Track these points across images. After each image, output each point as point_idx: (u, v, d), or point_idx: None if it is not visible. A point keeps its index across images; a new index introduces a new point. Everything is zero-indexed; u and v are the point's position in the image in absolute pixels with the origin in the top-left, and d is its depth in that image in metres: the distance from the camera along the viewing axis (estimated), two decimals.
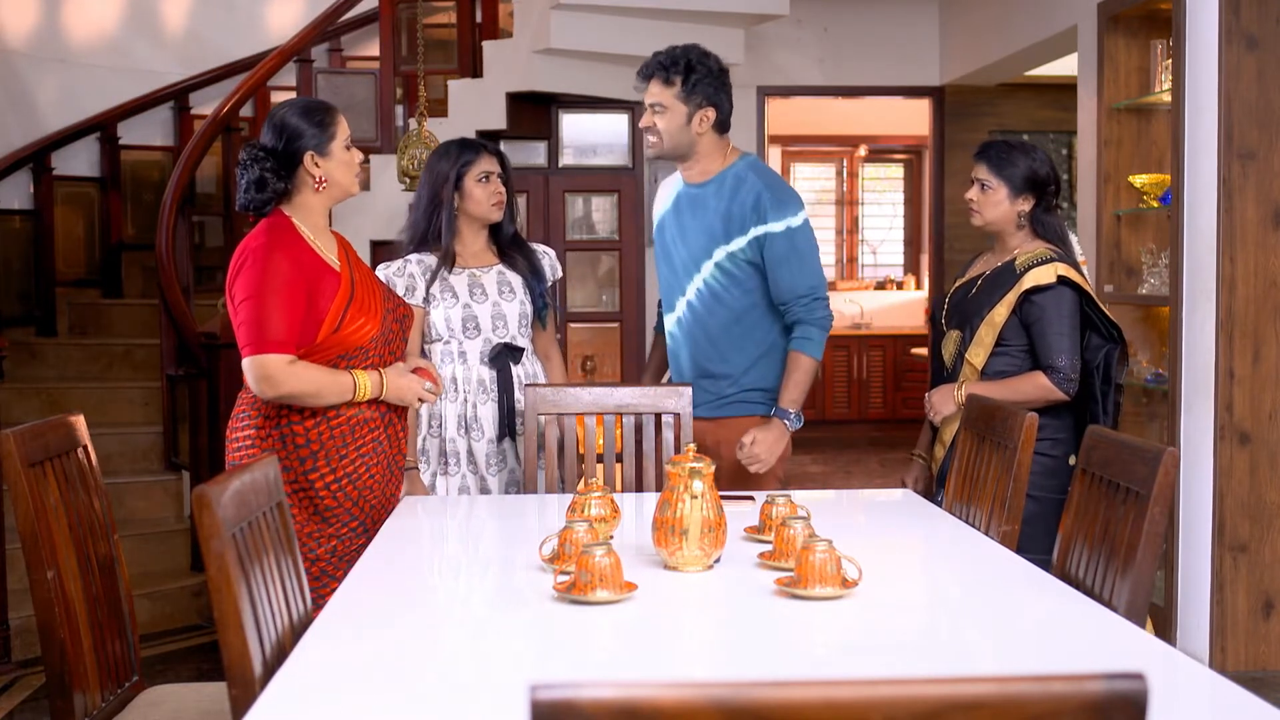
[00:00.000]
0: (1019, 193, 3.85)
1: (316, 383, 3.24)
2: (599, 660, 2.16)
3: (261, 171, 3.30)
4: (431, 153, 4.10)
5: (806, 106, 10.35)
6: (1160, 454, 2.58)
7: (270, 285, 3.18)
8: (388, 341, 3.41)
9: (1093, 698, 1.15)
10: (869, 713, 1.14)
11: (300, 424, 3.30)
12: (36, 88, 7.56)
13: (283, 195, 3.33)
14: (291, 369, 3.19)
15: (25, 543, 2.53)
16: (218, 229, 7.66)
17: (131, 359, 6.96)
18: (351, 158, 3.40)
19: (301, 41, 6.70)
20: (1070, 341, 3.71)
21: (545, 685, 1.11)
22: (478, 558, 3.09)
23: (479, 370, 3.92)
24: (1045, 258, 3.78)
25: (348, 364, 3.31)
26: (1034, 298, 3.74)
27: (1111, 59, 5.62)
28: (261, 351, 3.17)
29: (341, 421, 3.33)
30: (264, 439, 3.30)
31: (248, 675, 2.10)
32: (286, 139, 3.32)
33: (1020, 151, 3.86)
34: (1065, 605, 2.40)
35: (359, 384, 3.29)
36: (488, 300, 3.96)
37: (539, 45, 6.52)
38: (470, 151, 3.98)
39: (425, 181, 4.01)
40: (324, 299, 3.26)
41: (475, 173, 3.94)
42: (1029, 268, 3.78)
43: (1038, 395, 3.71)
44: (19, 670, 5.04)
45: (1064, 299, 3.72)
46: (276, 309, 3.17)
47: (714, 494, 2.63)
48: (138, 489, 6.08)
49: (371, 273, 3.53)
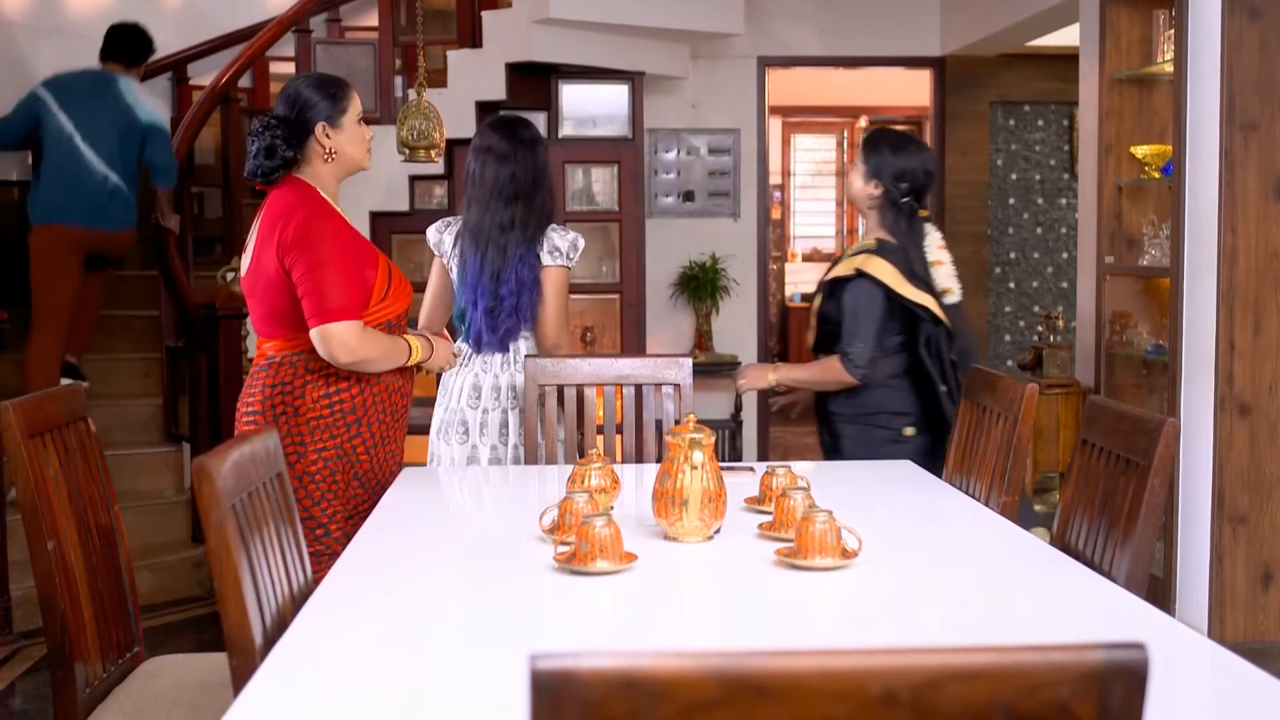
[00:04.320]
0: (870, 178, 4.07)
1: (383, 347, 3.33)
2: (599, 631, 2.17)
3: (272, 139, 3.32)
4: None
5: (807, 77, 10.31)
6: (1160, 425, 2.57)
7: (330, 253, 3.25)
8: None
9: (1092, 667, 1.15)
10: (868, 682, 1.14)
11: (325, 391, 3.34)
12: (34, 58, 7.52)
13: (291, 164, 3.34)
14: (365, 334, 3.27)
15: (25, 514, 2.53)
16: (216, 200, 7.62)
17: (131, 331, 6.95)
18: (362, 132, 3.46)
19: (300, 12, 6.67)
20: (865, 330, 3.92)
21: (545, 655, 1.11)
22: (477, 528, 3.09)
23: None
24: (861, 249, 4.03)
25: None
26: (837, 288, 4.01)
27: (1113, 29, 5.60)
28: (334, 319, 3.22)
29: (381, 390, 3.40)
30: (275, 410, 3.32)
31: (248, 646, 2.11)
32: (299, 109, 3.36)
33: (890, 144, 4.12)
34: (1065, 576, 2.40)
35: (412, 347, 3.42)
36: None
37: (539, 15, 6.50)
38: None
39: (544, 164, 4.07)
40: (369, 269, 3.33)
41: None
42: (845, 258, 4.08)
43: (832, 378, 3.99)
44: (20, 641, 5.05)
45: (861, 291, 3.94)
46: (341, 277, 3.24)
47: (714, 465, 2.63)
48: (138, 461, 6.09)
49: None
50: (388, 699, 1.79)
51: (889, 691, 1.13)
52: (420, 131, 5.19)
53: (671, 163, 8.28)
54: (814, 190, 12.57)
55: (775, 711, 1.13)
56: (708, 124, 8.32)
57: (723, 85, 8.30)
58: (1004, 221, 9.02)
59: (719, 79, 8.28)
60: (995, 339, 9.13)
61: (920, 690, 1.13)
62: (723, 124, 8.33)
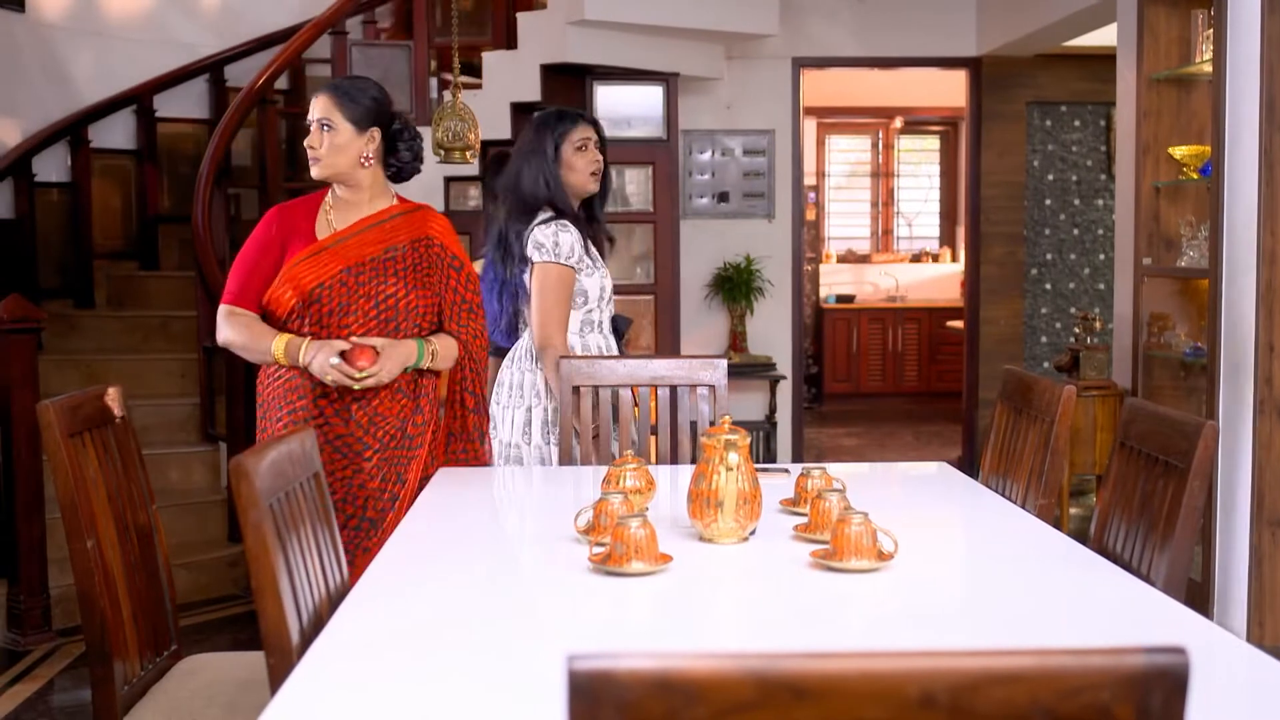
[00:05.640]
0: None
1: (241, 336, 3.43)
2: (634, 631, 2.16)
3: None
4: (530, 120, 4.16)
5: (842, 78, 10.29)
6: (1199, 427, 2.55)
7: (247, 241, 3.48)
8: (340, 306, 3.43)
9: (1133, 671, 1.14)
10: (906, 685, 1.13)
11: (261, 381, 3.53)
12: (73, 61, 7.59)
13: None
14: (223, 319, 3.44)
15: (65, 512, 2.55)
16: (253, 201, 7.67)
17: (168, 331, 7.00)
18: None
19: (336, 14, 6.69)
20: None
21: (583, 655, 1.11)
22: (512, 529, 3.09)
23: (610, 338, 4.08)
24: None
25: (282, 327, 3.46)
26: None
27: (1151, 29, 5.56)
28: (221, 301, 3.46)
29: (277, 383, 3.46)
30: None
31: (285, 644, 2.11)
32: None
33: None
34: (1102, 579, 2.38)
35: (274, 348, 3.41)
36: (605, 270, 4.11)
37: (573, 16, 6.51)
38: (568, 119, 4.06)
39: (525, 148, 4.04)
40: (269, 256, 3.46)
41: (573, 141, 4.01)
42: None
43: None
44: (59, 638, 5.09)
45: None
46: (236, 263, 3.46)
47: (749, 466, 2.63)
48: (174, 460, 6.13)
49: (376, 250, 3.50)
50: (424, 698, 1.79)
51: (927, 694, 1.13)
52: (455, 133, 5.21)
53: (706, 164, 8.28)
54: (848, 191, 12.54)
55: (812, 713, 1.12)
56: (742, 125, 8.31)
57: (757, 86, 8.29)
58: (1040, 223, 8.97)
59: (754, 80, 8.27)
60: (1031, 341, 9.08)
61: (959, 693, 1.13)
62: (757, 125, 8.32)
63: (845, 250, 12.22)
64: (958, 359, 9.85)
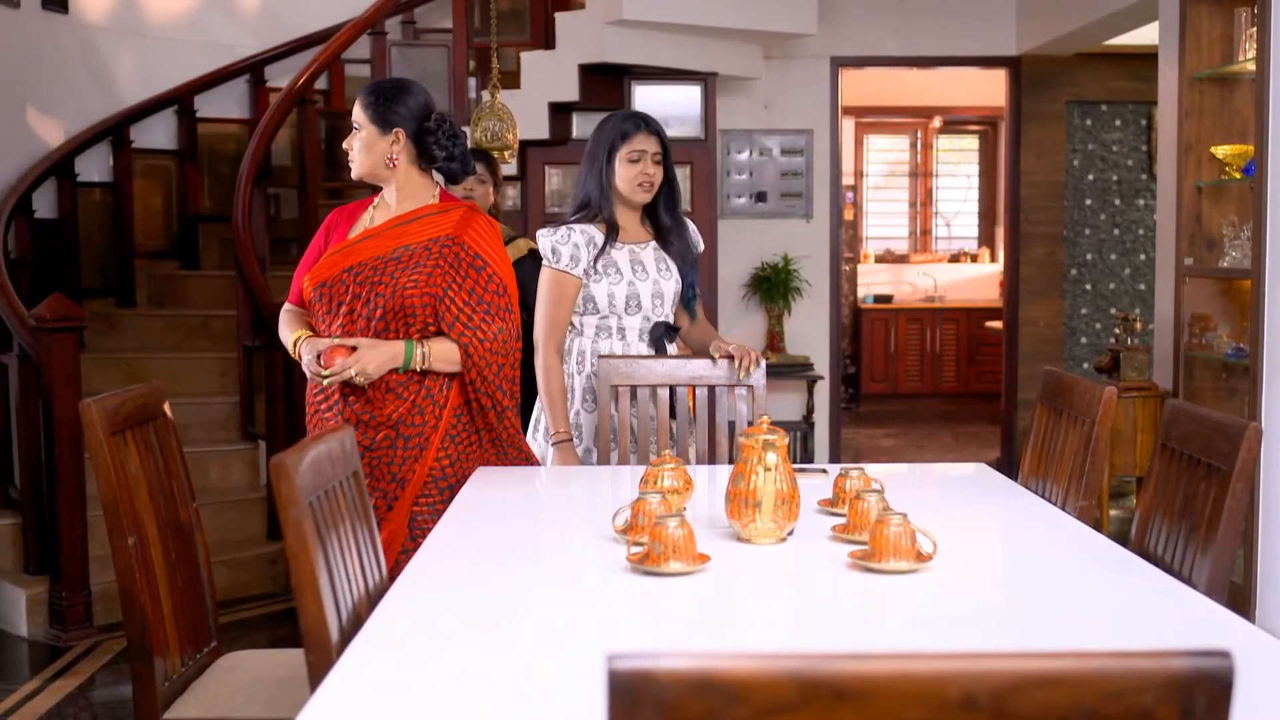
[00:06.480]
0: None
1: (281, 331, 3.56)
2: (672, 631, 2.16)
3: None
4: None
5: (880, 77, 10.26)
6: (1242, 429, 2.53)
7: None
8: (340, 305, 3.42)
9: (1177, 674, 1.13)
10: (946, 686, 1.13)
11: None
12: (115, 62, 7.65)
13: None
14: (283, 314, 3.58)
15: (107, 510, 2.57)
16: (293, 201, 7.71)
17: (208, 330, 7.05)
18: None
19: (375, 14, 6.72)
20: None
21: (623, 655, 1.11)
22: (550, 528, 3.10)
23: (637, 347, 3.92)
24: None
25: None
26: None
27: (1194, 27, 5.52)
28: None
29: (313, 386, 3.48)
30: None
31: (325, 641, 2.12)
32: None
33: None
34: (1144, 582, 2.37)
35: (290, 342, 3.50)
36: (649, 278, 3.92)
37: (611, 16, 6.51)
38: (629, 125, 3.92)
39: (587, 149, 3.99)
40: (314, 250, 3.57)
41: (627, 150, 3.88)
42: None
43: None
44: (100, 635, 5.14)
45: None
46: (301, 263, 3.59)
47: (787, 466, 2.62)
48: (214, 458, 6.17)
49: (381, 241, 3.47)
50: (463, 696, 1.80)
51: (968, 696, 1.12)
52: (494, 132, 5.22)
53: (744, 163, 8.27)
54: (887, 191, 12.49)
55: (853, 714, 1.12)
56: (780, 125, 8.29)
57: (795, 86, 8.27)
58: (1080, 223, 8.92)
59: (792, 79, 8.25)
60: (1071, 341, 9.03)
61: (1001, 695, 1.12)
62: (795, 125, 8.30)
63: (883, 250, 12.17)
64: (996, 360, 9.80)
